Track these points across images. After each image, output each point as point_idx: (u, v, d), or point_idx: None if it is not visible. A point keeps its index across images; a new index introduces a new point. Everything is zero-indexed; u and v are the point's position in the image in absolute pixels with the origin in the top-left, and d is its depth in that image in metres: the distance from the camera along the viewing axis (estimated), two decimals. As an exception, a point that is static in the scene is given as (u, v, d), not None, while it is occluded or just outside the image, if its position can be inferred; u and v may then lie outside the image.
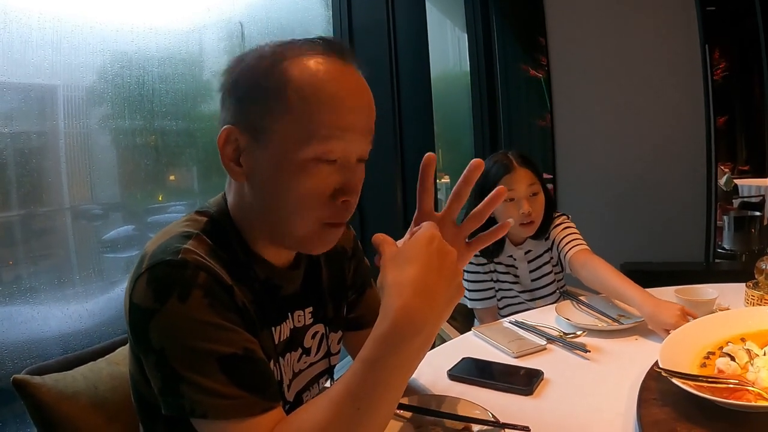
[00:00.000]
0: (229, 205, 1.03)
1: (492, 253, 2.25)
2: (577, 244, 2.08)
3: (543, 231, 2.22)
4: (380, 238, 0.91)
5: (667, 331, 1.42)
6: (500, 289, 2.31)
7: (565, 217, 2.26)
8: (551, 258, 2.26)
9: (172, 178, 2.29)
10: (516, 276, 2.29)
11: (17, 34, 1.62)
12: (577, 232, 2.17)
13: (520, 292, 2.29)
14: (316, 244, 1.01)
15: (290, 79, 0.91)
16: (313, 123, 0.91)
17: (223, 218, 1.01)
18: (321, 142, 0.91)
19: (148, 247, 0.92)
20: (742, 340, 1.27)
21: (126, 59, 1.95)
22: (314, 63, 0.93)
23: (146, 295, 0.85)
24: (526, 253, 2.26)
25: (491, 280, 2.29)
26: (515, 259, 2.27)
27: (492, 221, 2.13)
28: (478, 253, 2.25)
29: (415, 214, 1.04)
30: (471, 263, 2.26)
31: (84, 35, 1.80)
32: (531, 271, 2.28)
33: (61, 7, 1.73)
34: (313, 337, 1.16)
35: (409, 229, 0.97)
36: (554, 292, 2.29)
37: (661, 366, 1.14)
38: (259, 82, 0.93)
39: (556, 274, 2.30)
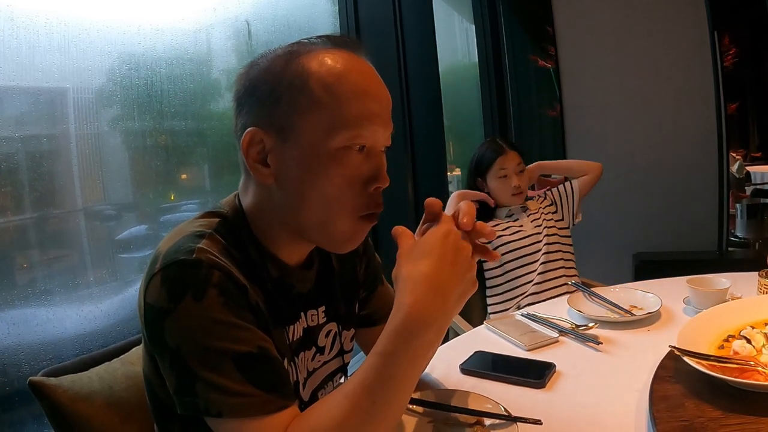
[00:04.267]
0: (246, 205, 1.03)
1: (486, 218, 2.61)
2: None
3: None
4: (399, 230, 0.93)
5: None
6: (512, 260, 2.54)
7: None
8: (552, 213, 2.67)
9: (183, 177, 2.30)
10: (520, 227, 2.58)
11: (25, 38, 1.63)
12: None
13: (527, 246, 2.54)
14: (350, 240, 1.02)
15: (311, 73, 0.93)
16: (339, 112, 0.93)
17: (237, 218, 1.02)
18: (349, 129, 0.93)
19: (161, 246, 0.92)
20: (766, 324, 1.28)
21: (134, 61, 1.95)
22: (330, 56, 0.95)
23: (161, 294, 0.86)
24: (528, 215, 2.63)
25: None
26: (517, 220, 2.62)
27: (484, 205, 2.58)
28: None
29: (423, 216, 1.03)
30: None
31: (91, 38, 1.81)
32: (533, 221, 2.61)
33: (67, 11, 1.73)
34: (327, 335, 1.17)
35: (419, 226, 0.98)
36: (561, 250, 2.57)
37: (676, 345, 1.16)
38: (280, 81, 0.94)
39: (557, 221, 2.65)
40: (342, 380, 1.25)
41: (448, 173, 3.94)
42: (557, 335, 1.59)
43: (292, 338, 1.06)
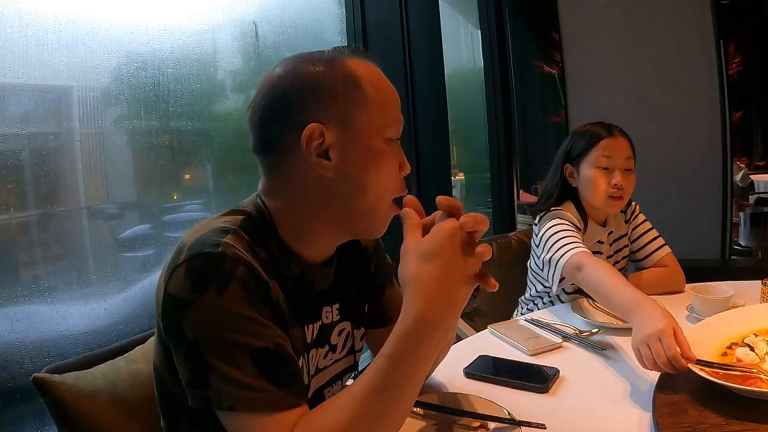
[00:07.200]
0: (274, 205, 1.04)
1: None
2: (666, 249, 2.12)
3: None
4: (408, 214, 0.96)
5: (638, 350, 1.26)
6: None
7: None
8: (627, 246, 2.21)
9: (187, 177, 2.30)
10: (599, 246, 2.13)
11: (33, 36, 1.63)
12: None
13: None
14: (384, 225, 1.09)
15: (360, 75, 1.02)
16: (386, 109, 1.04)
17: (261, 216, 1.03)
18: (394, 123, 1.05)
19: (185, 239, 0.94)
20: (768, 332, 1.29)
21: (141, 60, 1.96)
22: (365, 63, 1.05)
23: (183, 285, 0.87)
24: (609, 234, 2.15)
25: None
26: (602, 243, 2.12)
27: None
28: None
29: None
30: None
31: (99, 37, 1.81)
32: (609, 257, 2.15)
33: (76, 10, 1.74)
34: (340, 334, 1.18)
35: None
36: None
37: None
38: (335, 80, 1.00)
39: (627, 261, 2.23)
40: (349, 382, 1.25)
41: (453, 178, 3.93)
42: (561, 340, 1.59)
43: (310, 337, 1.08)
